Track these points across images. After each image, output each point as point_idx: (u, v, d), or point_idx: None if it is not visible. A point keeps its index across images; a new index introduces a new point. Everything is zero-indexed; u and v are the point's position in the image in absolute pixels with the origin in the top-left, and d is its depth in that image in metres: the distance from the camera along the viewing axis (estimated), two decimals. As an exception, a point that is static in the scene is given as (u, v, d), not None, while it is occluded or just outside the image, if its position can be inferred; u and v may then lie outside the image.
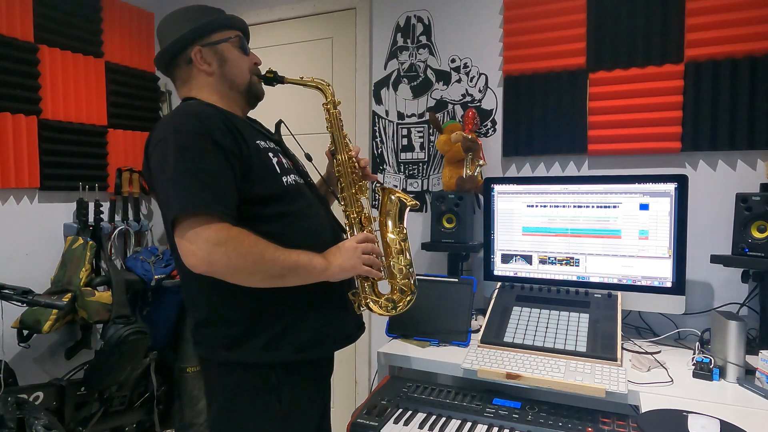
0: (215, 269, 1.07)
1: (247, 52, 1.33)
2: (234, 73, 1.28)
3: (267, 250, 1.10)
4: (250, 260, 1.08)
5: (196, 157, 1.08)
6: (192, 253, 1.06)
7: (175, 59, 1.26)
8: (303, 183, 1.31)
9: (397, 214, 1.36)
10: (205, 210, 1.05)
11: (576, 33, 1.96)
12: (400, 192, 1.36)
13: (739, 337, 1.39)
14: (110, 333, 2.11)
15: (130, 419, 2.36)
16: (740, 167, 1.78)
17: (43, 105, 2.27)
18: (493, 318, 1.67)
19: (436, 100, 2.25)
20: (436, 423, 1.32)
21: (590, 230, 1.77)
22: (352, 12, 2.42)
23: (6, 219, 2.20)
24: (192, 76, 1.27)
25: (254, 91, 1.33)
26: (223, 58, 1.26)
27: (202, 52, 1.24)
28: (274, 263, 1.11)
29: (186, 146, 1.08)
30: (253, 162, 1.16)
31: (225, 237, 1.06)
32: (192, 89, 1.27)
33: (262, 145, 1.23)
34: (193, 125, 1.10)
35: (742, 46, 1.73)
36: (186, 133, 1.09)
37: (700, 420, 1.14)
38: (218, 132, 1.11)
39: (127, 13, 2.70)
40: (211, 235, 1.05)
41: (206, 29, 1.25)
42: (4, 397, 1.82)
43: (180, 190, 1.06)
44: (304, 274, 1.15)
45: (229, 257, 1.06)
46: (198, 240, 1.05)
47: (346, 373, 2.51)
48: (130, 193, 2.65)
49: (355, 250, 1.22)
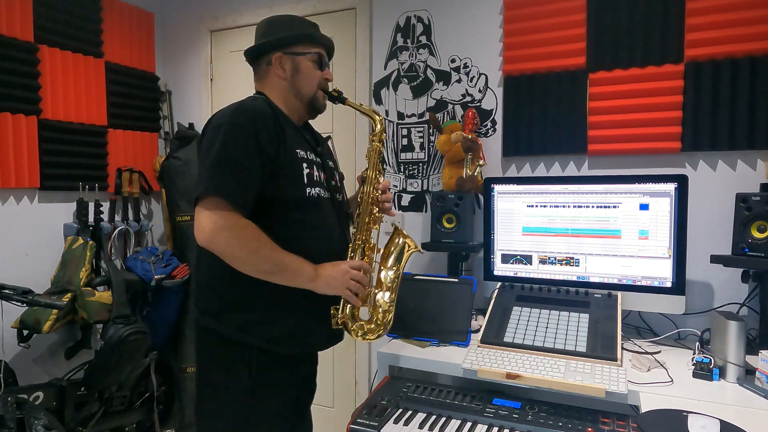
0: (215, 248, 1.21)
1: (323, 68, 1.44)
2: (302, 84, 1.40)
3: (264, 247, 1.22)
4: (246, 251, 1.21)
5: (236, 149, 1.22)
6: (201, 228, 1.20)
7: (259, 57, 1.41)
8: (328, 197, 1.41)
9: (397, 253, 1.44)
10: (225, 195, 1.19)
11: (576, 33, 1.96)
12: (409, 238, 1.46)
13: (739, 337, 1.39)
14: (110, 333, 2.11)
15: (130, 419, 2.36)
16: (740, 167, 1.78)
17: (43, 105, 2.27)
18: (493, 318, 1.67)
19: (436, 100, 2.25)
20: (436, 423, 1.32)
21: (590, 230, 1.77)
22: (352, 12, 2.42)
23: (6, 219, 2.20)
24: (267, 76, 1.41)
25: (316, 104, 1.45)
26: (297, 68, 1.39)
27: (282, 59, 1.39)
28: (267, 260, 1.23)
29: (233, 137, 1.22)
30: (285, 167, 1.28)
31: (232, 224, 1.20)
32: (264, 86, 1.42)
33: (300, 154, 1.33)
34: (245, 120, 1.24)
35: (742, 46, 1.73)
36: (237, 125, 1.23)
37: (700, 420, 1.14)
38: (264, 132, 1.25)
39: (127, 13, 2.70)
40: (221, 219, 1.19)
41: (291, 40, 1.39)
42: (4, 397, 1.83)
43: (212, 173, 1.21)
44: (291, 278, 1.26)
45: (228, 242, 1.20)
46: (209, 219, 1.19)
47: (346, 373, 2.51)
48: (130, 193, 2.66)
49: (346, 273, 1.30)
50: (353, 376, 2.49)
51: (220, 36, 2.77)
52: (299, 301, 1.30)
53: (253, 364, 1.29)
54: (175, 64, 2.92)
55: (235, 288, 1.28)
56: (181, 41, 2.89)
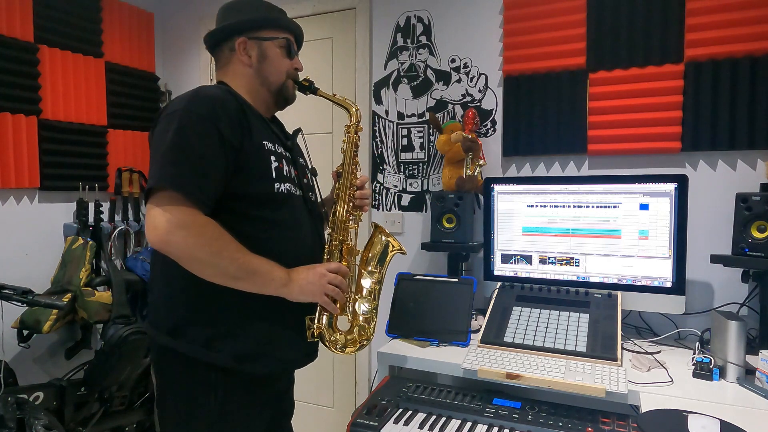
0: (171, 249, 1.06)
1: (292, 56, 1.34)
2: (269, 71, 1.30)
3: (228, 247, 1.08)
4: (207, 251, 1.06)
5: (194, 138, 1.08)
6: (154, 227, 1.05)
7: (220, 43, 1.29)
8: (299, 195, 1.28)
9: (379, 255, 1.33)
10: (181, 189, 1.05)
11: (576, 33, 1.96)
12: (391, 236, 1.34)
13: (739, 337, 1.39)
14: (110, 333, 2.11)
15: (130, 419, 2.36)
16: (740, 167, 1.78)
17: (43, 105, 2.27)
18: (493, 318, 1.67)
19: (436, 100, 2.25)
20: (436, 423, 1.32)
21: (590, 230, 1.77)
22: (352, 12, 2.42)
23: (6, 219, 2.20)
24: (230, 63, 1.29)
25: (285, 93, 1.34)
26: (264, 54, 1.29)
27: (246, 44, 1.27)
28: (231, 262, 1.08)
29: (189, 125, 1.08)
30: (250, 160, 1.16)
31: (190, 222, 1.05)
32: (227, 75, 1.30)
33: (267, 146, 1.21)
34: (204, 107, 1.11)
35: (742, 46, 1.73)
36: (194, 113, 1.10)
37: (700, 420, 1.14)
38: (225, 120, 1.11)
39: (127, 13, 2.70)
40: (177, 215, 1.04)
41: (257, 24, 1.28)
42: (4, 397, 1.82)
43: (166, 164, 1.06)
44: (261, 283, 1.12)
45: (186, 242, 1.05)
46: (163, 216, 1.04)
47: (346, 373, 2.51)
48: (130, 193, 2.66)
49: (322, 278, 1.17)
50: (353, 376, 2.49)
51: (220, 36, 2.77)
52: (270, 311, 1.16)
53: (220, 387, 1.14)
54: (175, 64, 2.92)
55: (195, 298, 1.13)
56: (181, 41, 2.89)
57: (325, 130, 2.52)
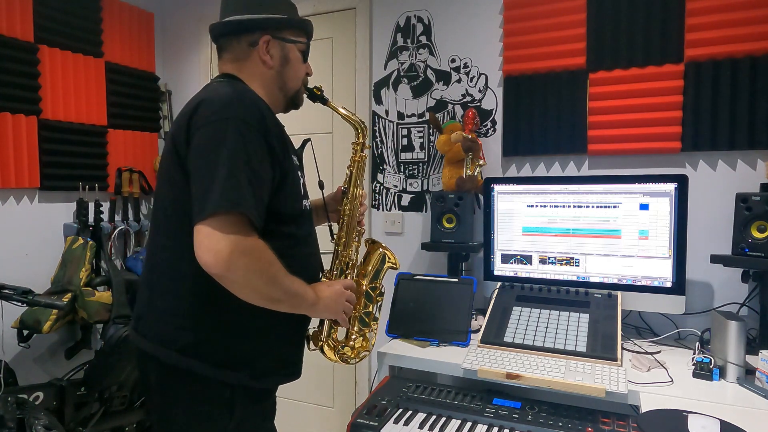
0: (231, 276, 0.98)
1: (305, 61, 1.29)
2: (290, 76, 1.24)
3: (280, 273, 1.05)
4: (264, 278, 1.02)
5: (254, 155, 1.01)
6: (215, 252, 0.96)
7: (238, 34, 1.18)
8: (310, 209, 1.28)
9: (377, 269, 1.36)
10: (246, 213, 0.99)
11: (576, 33, 1.96)
12: (388, 250, 1.36)
13: (739, 337, 1.39)
14: (110, 333, 2.11)
15: (130, 419, 2.36)
16: (740, 167, 1.78)
17: (43, 105, 2.27)
18: (493, 318, 1.67)
19: (436, 100, 2.25)
20: (436, 423, 1.32)
21: (590, 230, 1.77)
22: (352, 12, 2.42)
23: (6, 219, 2.20)
24: (248, 59, 1.19)
25: (296, 99, 1.30)
26: (286, 57, 1.22)
27: (271, 43, 1.19)
28: (280, 287, 1.06)
29: (248, 139, 1.01)
30: (288, 177, 1.12)
31: (251, 247, 1.00)
32: (242, 71, 1.19)
33: (295, 162, 1.19)
34: (256, 119, 1.04)
35: (742, 46, 1.73)
36: (249, 124, 1.02)
37: (700, 420, 1.14)
38: (273, 135, 1.07)
39: (127, 13, 2.70)
40: (242, 242, 0.98)
41: (284, 23, 1.21)
42: (4, 397, 1.82)
43: (229, 184, 0.97)
44: (297, 304, 1.11)
45: (247, 269, 0.99)
46: (226, 240, 0.96)
47: (346, 373, 2.51)
48: (130, 193, 2.66)
49: (342, 295, 1.20)
50: (353, 376, 2.49)
51: (220, 36, 2.77)
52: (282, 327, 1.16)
53: (236, 404, 1.10)
54: (175, 64, 2.92)
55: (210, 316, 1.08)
56: (181, 41, 2.89)
57: (326, 130, 2.52)
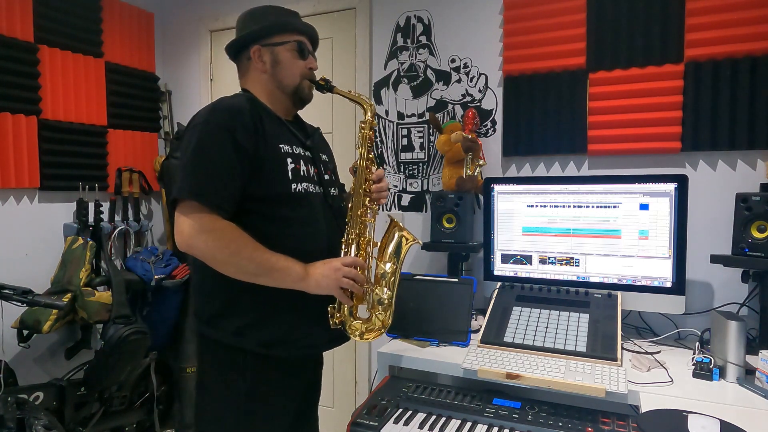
0: (194, 252, 1.20)
1: (305, 56, 1.39)
2: (283, 75, 1.37)
3: (245, 248, 1.19)
4: (226, 252, 1.19)
5: (212, 148, 1.20)
6: (179, 232, 1.20)
7: (238, 53, 1.40)
8: (319, 192, 1.36)
9: (395, 247, 1.37)
10: (200, 198, 1.18)
11: (576, 33, 1.96)
12: (406, 230, 1.37)
13: (739, 337, 1.39)
14: (110, 333, 2.11)
15: (130, 419, 2.36)
16: (740, 167, 1.78)
17: (43, 105, 2.27)
18: (493, 318, 1.67)
19: (436, 100, 2.25)
20: (436, 423, 1.32)
21: (590, 230, 1.77)
22: (352, 12, 2.42)
23: (6, 219, 2.20)
24: (249, 71, 1.39)
25: (300, 94, 1.41)
26: (276, 59, 1.36)
27: (260, 51, 1.36)
28: (249, 261, 1.19)
29: (207, 137, 1.21)
30: (266, 163, 1.25)
31: (210, 227, 1.18)
32: (247, 82, 1.40)
33: (284, 149, 1.30)
34: (221, 119, 1.22)
35: (742, 46, 1.73)
36: (212, 124, 1.21)
37: (700, 420, 1.14)
38: (241, 129, 1.22)
39: (127, 13, 2.70)
40: (198, 222, 1.18)
41: (268, 31, 1.36)
42: (4, 397, 1.83)
43: (187, 175, 1.19)
44: (279, 278, 1.22)
45: (207, 245, 1.18)
46: (186, 222, 1.18)
47: (346, 373, 2.51)
48: (130, 193, 2.66)
49: (338, 271, 1.24)
50: (353, 376, 2.49)
51: (220, 36, 2.77)
52: (295, 303, 1.26)
53: (248, 369, 1.26)
54: (175, 64, 2.92)
55: (226, 292, 1.26)
56: (181, 41, 2.89)
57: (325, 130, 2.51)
